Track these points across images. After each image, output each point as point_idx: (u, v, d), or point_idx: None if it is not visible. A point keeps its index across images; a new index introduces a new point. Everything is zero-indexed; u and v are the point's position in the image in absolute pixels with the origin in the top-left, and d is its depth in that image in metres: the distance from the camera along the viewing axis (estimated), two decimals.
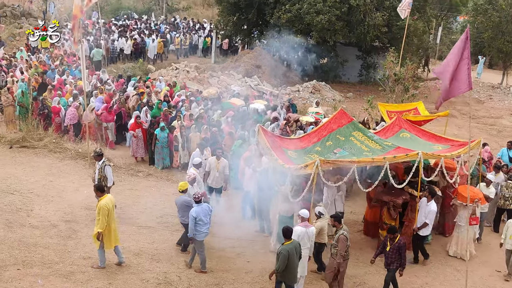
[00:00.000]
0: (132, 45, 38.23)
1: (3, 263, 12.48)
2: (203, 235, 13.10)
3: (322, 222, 13.31)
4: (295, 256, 11.62)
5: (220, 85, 32.99)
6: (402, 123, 16.35)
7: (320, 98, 33.21)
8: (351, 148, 14.41)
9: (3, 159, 19.22)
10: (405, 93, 25.55)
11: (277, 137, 15.73)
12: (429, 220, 14.27)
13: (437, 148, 15.10)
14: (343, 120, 15.38)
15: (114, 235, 12.84)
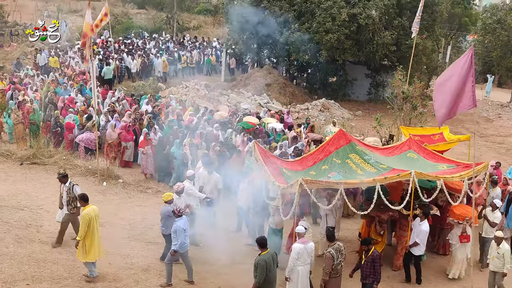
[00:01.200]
0: (139, 64, 38.51)
1: (13, 278, 12.59)
2: (187, 246, 13.26)
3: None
4: (272, 266, 11.72)
5: (229, 103, 33.19)
6: (412, 145, 16.19)
7: (329, 116, 33.34)
8: (346, 172, 14.31)
9: (14, 176, 19.41)
10: (413, 111, 25.59)
11: (273, 157, 15.83)
12: (419, 240, 14.15)
13: (441, 168, 14.98)
14: (342, 141, 15.32)
15: (97, 247, 13.03)
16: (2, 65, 35.82)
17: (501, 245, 13.38)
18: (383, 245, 15.24)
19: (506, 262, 13.33)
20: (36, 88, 27.58)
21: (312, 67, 41.02)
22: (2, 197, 17.15)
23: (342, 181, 13.68)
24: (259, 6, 37.58)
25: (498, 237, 13.43)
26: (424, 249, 14.48)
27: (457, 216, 14.67)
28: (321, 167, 14.77)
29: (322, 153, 15.34)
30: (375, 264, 12.44)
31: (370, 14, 34.57)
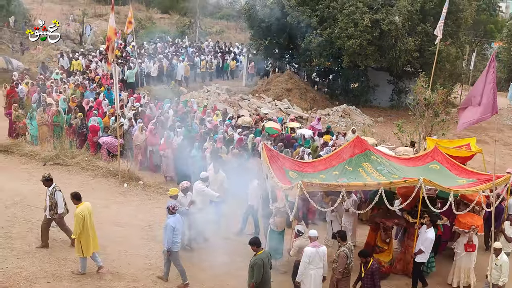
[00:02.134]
0: (158, 68, 38.80)
1: (34, 276, 12.79)
2: (178, 246, 13.36)
3: (301, 240, 13.32)
4: (267, 266, 11.80)
5: (250, 108, 33.30)
6: (437, 155, 16.02)
7: (350, 122, 33.28)
8: (355, 179, 14.25)
9: (37, 176, 19.55)
10: (435, 118, 25.41)
11: (283, 158, 15.78)
12: (424, 247, 14.06)
13: (461, 182, 14.77)
14: (357, 149, 15.26)
15: (93, 242, 13.24)
16: (28, 68, 36.25)
17: (499, 256, 13.21)
18: (390, 253, 15.14)
19: (504, 275, 13.18)
20: (61, 91, 27.83)
21: (334, 72, 41.00)
22: (25, 197, 17.39)
23: (344, 184, 13.67)
24: (281, 12, 37.68)
25: (496, 248, 13.23)
26: (427, 257, 14.32)
27: (462, 224, 14.53)
28: (332, 173, 14.73)
29: (335, 160, 15.31)
30: (375, 277, 12.44)
31: (393, 20, 34.44)
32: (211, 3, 68.05)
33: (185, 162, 19.74)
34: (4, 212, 16.10)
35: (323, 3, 36.85)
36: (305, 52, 37.93)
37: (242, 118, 25.57)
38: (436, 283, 14.81)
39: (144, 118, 23.61)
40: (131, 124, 22.75)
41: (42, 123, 23.29)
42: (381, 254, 14.96)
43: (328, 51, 36.65)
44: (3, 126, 24.47)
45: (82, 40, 49.06)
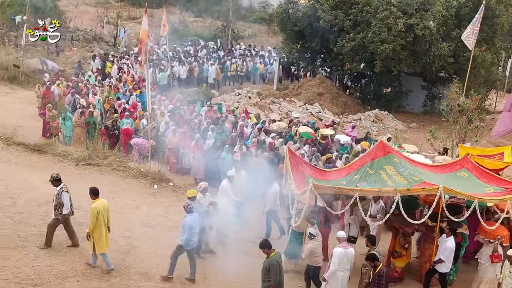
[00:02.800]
0: (187, 71, 39.02)
1: (65, 275, 12.93)
2: (194, 244, 13.54)
3: (313, 244, 13.33)
4: (282, 267, 11.84)
5: (281, 111, 33.26)
6: (466, 163, 15.63)
7: (382, 127, 33.03)
8: (376, 182, 14.12)
9: (69, 176, 19.78)
10: (469, 124, 25.05)
11: (307, 165, 15.73)
12: (444, 256, 13.78)
13: (488, 191, 14.33)
14: (379, 152, 15.08)
15: (105, 239, 13.44)
16: (63, 69, 36.73)
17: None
18: (407, 259, 14.98)
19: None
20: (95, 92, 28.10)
21: (366, 77, 40.75)
22: None
23: (358, 188, 13.61)
24: (314, 16, 37.61)
25: (511, 256, 12.95)
26: (450, 266, 14.04)
27: (488, 235, 14.20)
28: (353, 177, 14.56)
29: (358, 164, 15.17)
30: (381, 281, 12.24)
31: (428, 25, 34.09)
32: (244, 6, 68.31)
33: (215, 165, 19.77)
34: (37, 211, 16.28)
35: (356, 7, 36.65)
36: (338, 56, 37.82)
37: (278, 124, 25.33)
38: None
39: (179, 121, 23.76)
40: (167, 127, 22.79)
41: (78, 124, 23.62)
42: (398, 259, 14.88)
43: (360, 55, 36.47)
44: (37, 126, 24.82)
45: (116, 42, 49.57)
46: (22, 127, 24.62)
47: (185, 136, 21.86)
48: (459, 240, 14.55)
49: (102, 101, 26.22)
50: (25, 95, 31.76)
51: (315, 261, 13.43)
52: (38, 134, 24.24)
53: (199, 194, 15.06)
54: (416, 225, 14.38)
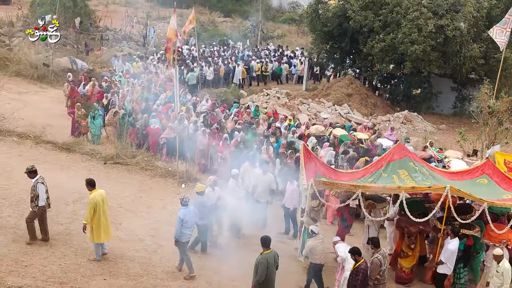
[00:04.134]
0: (213, 71, 39.15)
1: (91, 273, 13.03)
2: (187, 237, 13.61)
3: (313, 241, 13.34)
4: (273, 266, 11.72)
5: (310, 112, 33.14)
6: (487, 169, 15.26)
7: (412, 129, 32.75)
8: (387, 184, 13.91)
9: (97, 174, 19.94)
10: (499, 126, 24.71)
11: (320, 164, 15.63)
12: (444, 258, 13.59)
13: (505, 197, 13.94)
14: (396, 155, 14.81)
15: (104, 230, 13.56)
16: (92, 68, 37.10)
17: (501, 263, 12.67)
18: (413, 259, 14.75)
19: (505, 282, 12.60)
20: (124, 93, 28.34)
21: (396, 78, 40.39)
22: (85, 195, 17.52)
23: (360, 185, 13.52)
24: (343, 16, 37.41)
25: (498, 255, 12.70)
26: (451, 269, 13.81)
27: (493, 238, 13.91)
28: (367, 180, 14.38)
29: (374, 167, 14.97)
30: (358, 277, 12.15)
31: (458, 26, 33.66)
32: (274, 7, 68.31)
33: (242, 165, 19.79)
34: (64, 210, 16.41)
35: (386, 7, 36.34)
36: (367, 57, 37.54)
37: (315, 127, 24.83)
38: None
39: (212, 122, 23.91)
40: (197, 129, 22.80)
41: (110, 123, 23.97)
42: (404, 259, 14.72)
43: (390, 56, 36.16)
44: (66, 125, 25.08)
45: (145, 42, 49.90)
46: (51, 125, 24.87)
47: (215, 137, 21.84)
48: (470, 243, 14.30)
49: (132, 101, 26.38)
50: (55, 94, 32.08)
51: (316, 259, 13.42)
52: (67, 133, 24.50)
53: (208, 188, 15.18)
54: (422, 225, 14.26)
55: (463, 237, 14.09)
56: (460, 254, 14.12)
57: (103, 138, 24.55)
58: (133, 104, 25.75)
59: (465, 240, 14.16)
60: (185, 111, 24.84)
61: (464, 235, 14.08)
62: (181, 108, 24.77)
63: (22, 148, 21.63)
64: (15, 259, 12.92)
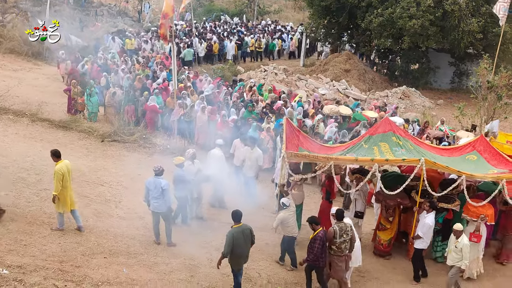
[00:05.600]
0: (205, 47, 38.83)
1: (91, 251, 12.89)
2: (153, 207, 13.57)
3: (284, 214, 13.23)
4: (242, 240, 11.59)
5: (307, 88, 32.94)
6: (479, 145, 15.13)
7: (409, 104, 32.61)
8: (365, 155, 13.77)
9: (95, 152, 19.83)
10: (498, 101, 24.63)
11: (304, 138, 15.41)
12: (422, 233, 13.41)
13: (491, 172, 13.88)
14: (381, 129, 14.66)
15: (70, 199, 13.47)
16: (87, 44, 36.69)
17: (460, 238, 12.54)
18: (392, 232, 14.69)
19: (464, 258, 12.49)
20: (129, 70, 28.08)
21: (394, 53, 40.21)
22: (83, 173, 17.56)
23: (333, 157, 13.42)
24: None
25: (457, 230, 12.57)
26: (427, 243, 13.69)
27: (471, 213, 13.79)
28: (346, 151, 14.28)
29: (358, 140, 14.92)
30: (315, 245, 12.07)
31: (457, 0, 33.45)
32: None
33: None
34: None
35: None
36: (365, 32, 37.40)
37: (329, 107, 24.13)
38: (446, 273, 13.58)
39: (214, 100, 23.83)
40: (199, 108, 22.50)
41: (111, 104, 23.81)
42: (382, 232, 14.70)
43: (388, 31, 35.91)
44: (62, 103, 24.88)
45: (141, 17, 49.42)
46: (47, 103, 24.65)
47: (215, 114, 21.67)
48: (449, 216, 14.18)
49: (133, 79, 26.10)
50: (50, 71, 31.82)
51: (288, 231, 13.37)
52: (63, 110, 24.27)
53: (187, 161, 15.08)
54: (400, 198, 14.19)
55: (443, 211, 14.04)
56: (439, 227, 14.13)
57: (100, 115, 24.33)
58: (135, 83, 25.39)
59: (445, 213, 14.09)
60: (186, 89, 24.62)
61: (444, 209, 14.02)
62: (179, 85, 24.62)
63: (18, 126, 21.37)
64: (14, 238, 12.77)
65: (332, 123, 21.55)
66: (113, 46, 36.12)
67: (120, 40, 37.23)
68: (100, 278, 11.65)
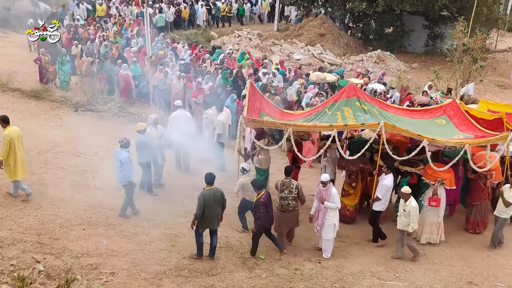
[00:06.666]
0: (174, 13, 38.27)
1: (69, 223, 12.67)
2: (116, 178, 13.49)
3: (244, 178, 13.31)
4: (213, 203, 11.64)
5: (282, 53, 32.68)
6: (450, 109, 15.01)
7: (384, 68, 32.53)
8: (328, 121, 13.64)
9: (68, 122, 19.47)
10: (473, 64, 24.69)
11: (267, 103, 15.38)
12: (380, 194, 13.37)
13: (457, 137, 13.76)
14: (345, 94, 14.51)
15: (21, 166, 13.35)
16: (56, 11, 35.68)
17: (408, 202, 12.52)
18: (356, 197, 14.78)
19: (412, 221, 12.49)
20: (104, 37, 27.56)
21: (368, 17, 40.00)
22: (58, 143, 17.25)
23: (291, 123, 13.34)
24: None
25: (405, 193, 12.55)
26: (385, 206, 13.67)
27: (429, 176, 13.71)
28: (308, 120, 14.16)
29: (322, 106, 14.77)
30: (260, 209, 12.22)
31: None
32: None
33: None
34: (37, 159, 15.92)
35: None
36: None
37: (316, 74, 23.84)
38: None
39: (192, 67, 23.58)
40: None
41: (88, 73, 23.42)
42: (347, 197, 14.69)
43: None
44: (33, 71, 24.30)
45: None
46: (16, 72, 24.13)
47: (191, 81, 21.39)
48: (413, 181, 14.07)
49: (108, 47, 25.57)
50: (18, 39, 31.05)
51: (248, 195, 13.33)
52: (34, 79, 23.70)
53: (149, 127, 14.99)
54: (362, 163, 14.25)
55: (407, 175, 14.00)
56: None
57: (72, 84, 23.84)
58: (113, 51, 24.87)
59: (409, 178, 14.01)
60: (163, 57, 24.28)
61: (408, 173, 13.98)
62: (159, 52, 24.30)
63: None
64: None
65: (312, 89, 21.37)
66: (78, 13, 35.33)
67: (86, 6, 36.39)
68: (79, 250, 11.45)
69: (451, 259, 13.30)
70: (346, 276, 12.06)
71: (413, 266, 12.74)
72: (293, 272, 11.94)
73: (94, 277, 10.56)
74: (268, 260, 12.39)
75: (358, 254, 13.28)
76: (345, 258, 12.95)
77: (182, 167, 16.80)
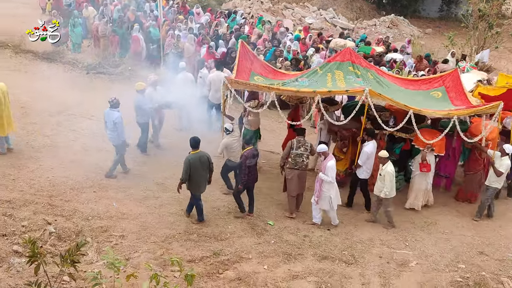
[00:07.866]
0: None
1: (80, 185, 12.81)
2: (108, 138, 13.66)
3: (228, 139, 13.31)
4: (199, 166, 11.67)
5: (294, 17, 32.41)
6: (449, 81, 14.80)
7: (398, 33, 32.22)
8: (317, 82, 13.61)
9: (80, 85, 19.50)
10: (489, 30, 24.39)
11: (259, 63, 15.30)
12: (361, 161, 13.27)
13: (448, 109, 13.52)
14: (339, 57, 14.44)
15: (7, 122, 13.42)
16: None
17: (384, 166, 12.45)
18: (346, 162, 14.77)
19: (386, 186, 12.43)
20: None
21: None
22: (69, 106, 17.32)
23: (274, 87, 13.29)
24: None
25: (381, 157, 12.49)
26: (369, 173, 13.51)
27: (418, 142, 13.61)
28: (298, 78, 14.14)
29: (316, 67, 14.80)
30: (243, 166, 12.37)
31: None
32: None
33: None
34: (49, 121, 16.05)
35: None
36: None
37: (335, 41, 23.76)
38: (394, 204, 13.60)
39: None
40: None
41: (104, 34, 23.19)
42: (338, 162, 14.33)
43: None
44: None
45: None
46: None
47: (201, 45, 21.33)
48: (407, 147, 14.23)
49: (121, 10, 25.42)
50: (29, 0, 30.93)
51: (232, 156, 13.38)
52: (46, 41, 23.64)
53: (149, 87, 15.00)
54: (355, 128, 14.14)
55: (401, 141, 14.06)
56: (396, 158, 14.01)
57: (84, 46, 23.80)
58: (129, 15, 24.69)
59: (402, 144, 14.10)
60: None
61: (402, 139, 14.03)
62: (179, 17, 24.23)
63: (0, 58, 20.94)
64: (2, 173, 12.65)
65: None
66: None
67: None
68: (90, 212, 11.63)
69: (462, 228, 13.31)
70: (355, 243, 12.12)
71: (423, 235, 12.79)
72: (302, 239, 12.02)
73: (104, 239, 10.73)
74: (277, 226, 12.47)
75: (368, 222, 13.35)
76: (354, 225, 13.02)
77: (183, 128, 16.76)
